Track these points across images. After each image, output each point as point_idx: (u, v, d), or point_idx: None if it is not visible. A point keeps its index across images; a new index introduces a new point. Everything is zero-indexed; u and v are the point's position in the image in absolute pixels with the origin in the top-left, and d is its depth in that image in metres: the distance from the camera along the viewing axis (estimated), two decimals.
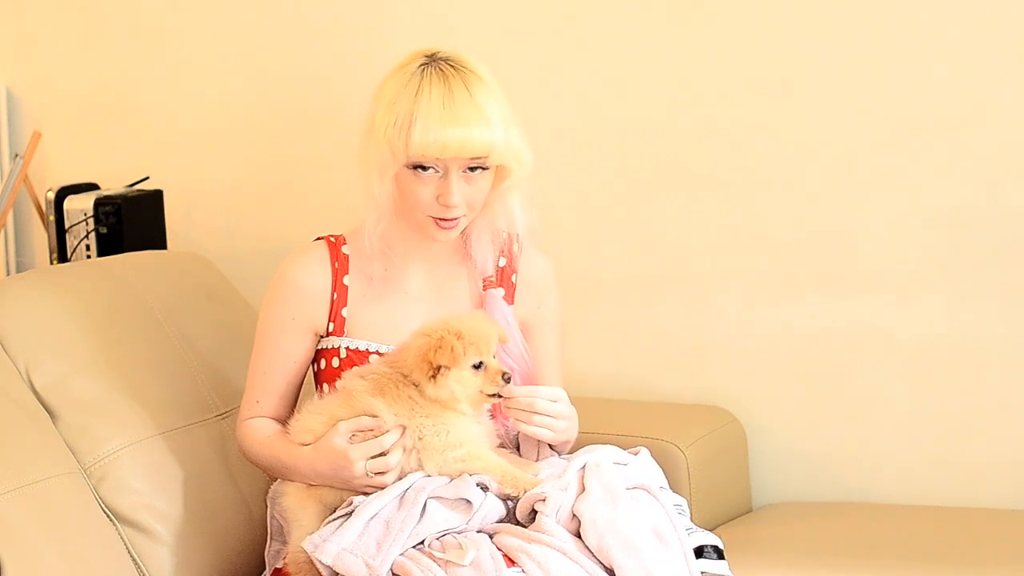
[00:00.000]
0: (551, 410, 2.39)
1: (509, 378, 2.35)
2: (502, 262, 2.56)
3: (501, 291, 2.54)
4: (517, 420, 2.38)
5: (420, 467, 2.34)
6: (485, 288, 2.53)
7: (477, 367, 2.33)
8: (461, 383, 2.32)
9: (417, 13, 3.30)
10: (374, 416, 2.35)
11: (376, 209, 2.44)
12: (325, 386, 2.50)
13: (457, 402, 2.33)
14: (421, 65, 2.40)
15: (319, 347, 2.51)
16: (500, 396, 2.36)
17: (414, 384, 2.34)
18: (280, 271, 2.51)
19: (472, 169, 2.39)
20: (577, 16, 3.19)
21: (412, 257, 2.51)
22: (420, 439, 2.34)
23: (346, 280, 2.50)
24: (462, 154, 2.36)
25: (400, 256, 2.50)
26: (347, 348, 2.47)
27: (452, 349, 2.30)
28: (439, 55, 2.42)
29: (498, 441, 2.41)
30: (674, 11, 3.11)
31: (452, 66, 2.40)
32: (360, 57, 3.34)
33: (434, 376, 2.31)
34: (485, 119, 2.37)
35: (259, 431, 2.49)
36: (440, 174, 2.39)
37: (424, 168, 2.38)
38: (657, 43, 3.13)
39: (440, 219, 2.41)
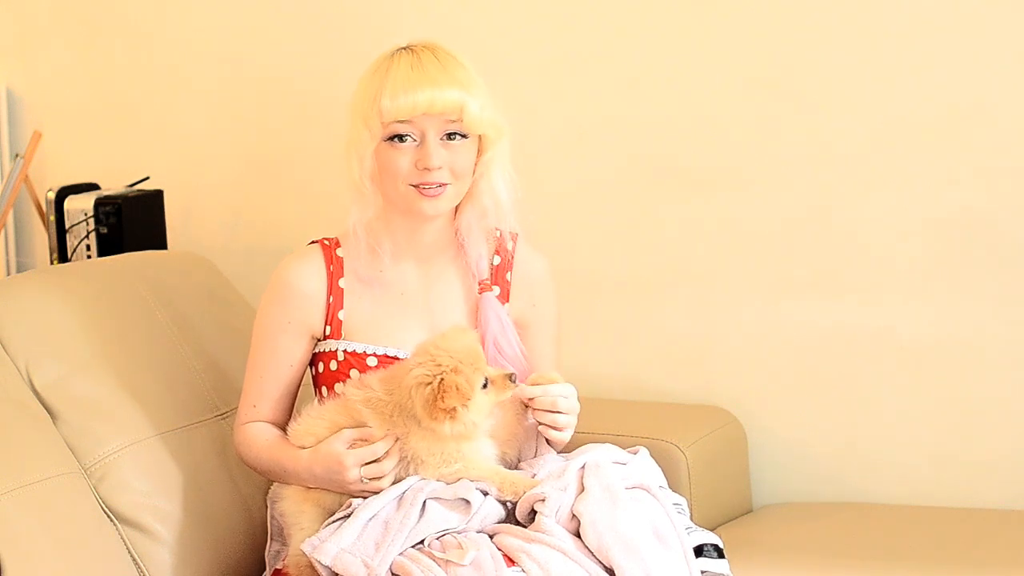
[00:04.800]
0: (568, 407, 2.39)
1: (516, 377, 2.35)
2: (496, 260, 2.56)
3: (496, 290, 2.54)
4: (543, 424, 2.39)
5: (416, 473, 2.34)
6: (480, 292, 2.53)
7: (484, 385, 2.32)
8: (477, 411, 2.31)
9: (420, 13, 3.30)
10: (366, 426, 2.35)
11: (360, 198, 2.45)
12: (324, 389, 2.50)
13: (476, 428, 2.32)
14: (393, 52, 2.45)
15: (316, 350, 2.51)
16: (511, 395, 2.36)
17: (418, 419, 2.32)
18: (275, 275, 2.51)
19: (451, 137, 2.41)
20: (578, 16, 3.19)
21: (404, 256, 2.51)
22: (420, 461, 2.33)
23: (341, 283, 2.49)
24: (432, 109, 2.38)
25: (391, 254, 2.49)
26: (344, 351, 2.47)
27: (458, 388, 2.27)
28: (412, 43, 2.46)
29: (495, 454, 2.40)
30: (674, 12, 3.11)
31: (424, 46, 2.44)
32: (362, 57, 3.31)
33: (451, 417, 2.29)
34: (454, 79, 2.40)
35: (257, 435, 2.49)
36: (417, 142, 2.40)
37: (401, 138, 2.39)
38: (657, 43, 3.14)
39: (422, 187, 2.41)
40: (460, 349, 2.31)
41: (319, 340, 2.50)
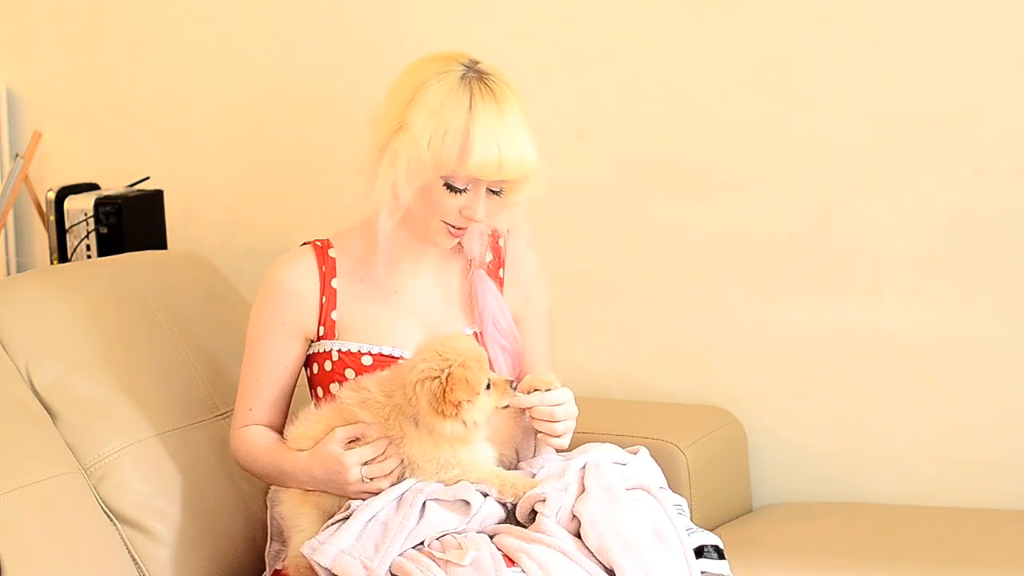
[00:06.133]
0: (565, 414, 2.40)
1: (515, 384, 2.35)
2: (489, 257, 2.56)
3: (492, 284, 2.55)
4: (542, 432, 2.39)
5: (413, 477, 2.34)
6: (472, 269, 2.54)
7: (487, 387, 2.32)
8: (481, 410, 2.31)
9: (419, 12, 3.30)
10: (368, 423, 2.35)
11: (390, 206, 2.42)
12: (319, 390, 2.50)
13: (477, 428, 2.32)
14: (464, 76, 2.39)
15: (311, 351, 2.51)
16: (508, 406, 2.36)
17: (416, 422, 2.31)
18: (267, 277, 2.50)
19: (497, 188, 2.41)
20: (578, 16, 3.19)
21: (402, 257, 2.51)
22: (416, 466, 2.33)
23: (334, 283, 2.49)
24: (512, 176, 2.37)
25: (392, 256, 2.49)
26: (339, 351, 2.47)
27: (467, 381, 2.27)
28: (479, 67, 2.41)
29: (495, 456, 2.40)
30: (674, 12, 3.11)
31: (496, 82, 2.39)
32: (361, 56, 3.33)
33: (456, 412, 2.29)
34: (530, 143, 2.39)
35: (254, 439, 2.49)
36: (470, 190, 2.39)
37: (459, 190, 2.38)
38: (658, 43, 3.14)
39: (454, 227, 2.42)
40: (465, 348, 2.32)
41: (313, 341, 2.50)
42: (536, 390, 2.39)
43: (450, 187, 2.38)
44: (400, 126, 2.38)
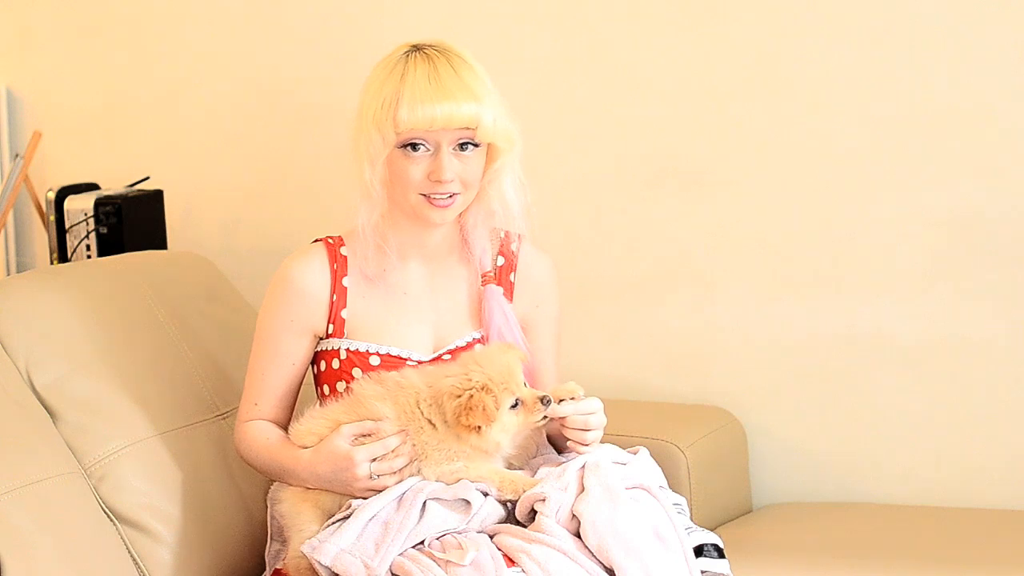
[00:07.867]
0: (598, 423, 2.40)
1: (549, 400, 2.35)
2: (500, 261, 2.56)
3: (500, 289, 2.54)
4: (572, 441, 2.39)
5: (419, 473, 2.34)
6: (483, 284, 2.53)
7: (514, 406, 2.32)
8: (504, 430, 2.31)
9: (420, 13, 3.30)
10: (378, 420, 2.35)
11: (369, 199, 2.44)
12: (325, 388, 2.50)
13: (500, 447, 2.33)
14: (406, 52, 2.43)
15: (319, 349, 2.51)
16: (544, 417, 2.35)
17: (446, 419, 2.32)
18: (279, 273, 2.50)
19: (463, 147, 2.40)
20: (577, 16, 3.19)
21: (410, 255, 2.51)
22: (424, 456, 2.33)
23: (345, 281, 2.49)
24: (450, 125, 2.37)
25: (397, 253, 2.49)
26: (347, 350, 2.47)
27: (484, 409, 2.27)
28: (424, 43, 2.44)
29: (502, 462, 2.40)
30: (675, 11, 3.11)
31: (437, 51, 2.42)
32: (360, 56, 3.32)
33: (476, 433, 2.29)
34: (471, 92, 2.39)
35: (258, 433, 2.49)
36: (431, 152, 2.39)
37: (415, 147, 2.39)
38: (658, 43, 3.14)
39: (433, 197, 2.41)
40: (495, 367, 2.31)
41: (321, 339, 2.50)
42: (562, 400, 2.38)
43: (405, 148, 2.39)
44: (356, 118, 2.44)
